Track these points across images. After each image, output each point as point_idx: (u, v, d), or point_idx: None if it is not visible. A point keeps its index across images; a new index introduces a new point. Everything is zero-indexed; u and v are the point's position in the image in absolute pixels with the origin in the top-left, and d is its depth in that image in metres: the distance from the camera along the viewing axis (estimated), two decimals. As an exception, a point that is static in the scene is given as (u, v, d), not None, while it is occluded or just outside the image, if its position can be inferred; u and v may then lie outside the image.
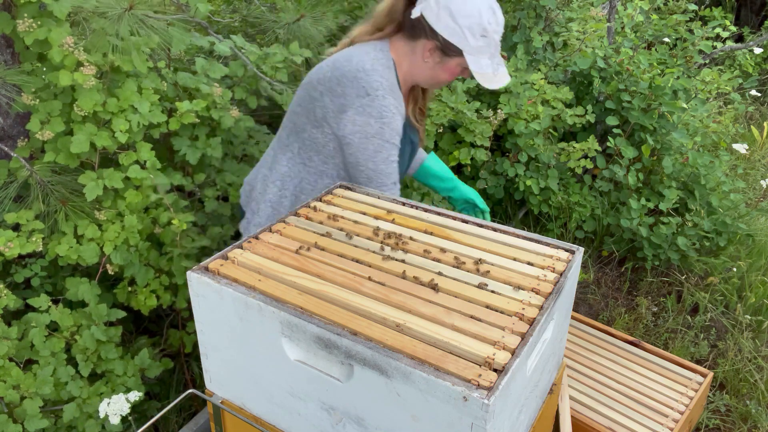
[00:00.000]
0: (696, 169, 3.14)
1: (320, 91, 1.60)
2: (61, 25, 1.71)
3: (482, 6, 1.52)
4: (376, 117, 1.53)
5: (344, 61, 1.58)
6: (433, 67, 1.61)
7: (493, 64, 1.57)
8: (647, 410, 1.86)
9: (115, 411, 1.53)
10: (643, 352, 2.09)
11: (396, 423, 0.98)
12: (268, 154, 1.82)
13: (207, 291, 1.14)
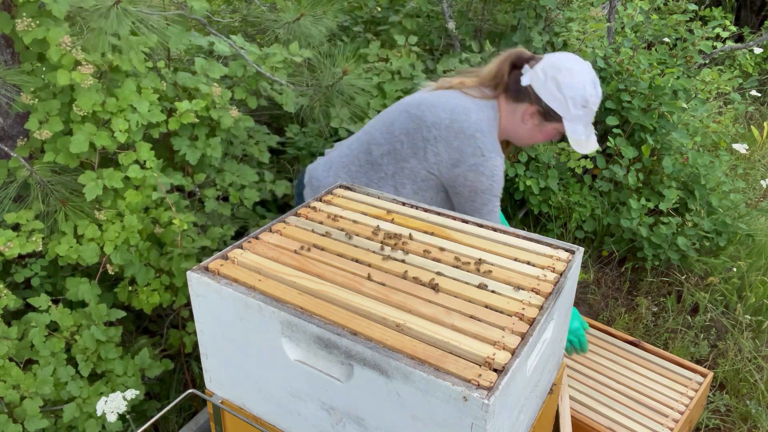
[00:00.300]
0: (696, 169, 3.14)
1: (434, 135, 1.70)
2: (59, 24, 1.71)
3: (587, 80, 1.68)
4: (487, 176, 1.67)
5: (463, 114, 1.69)
6: (531, 128, 1.76)
7: (586, 131, 1.72)
8: (647, 410, 1.86)
9: (112, 409, 1.53)
10: (643, 352, 2.09)
11: (396, 423, 0.98)
12: (346, 156, 1.87)
13: (207, 291, 1.14)
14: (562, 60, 1.69)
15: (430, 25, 3.70)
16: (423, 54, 3.26)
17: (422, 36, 3.59)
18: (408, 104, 1.80)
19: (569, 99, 1.67)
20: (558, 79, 1.66)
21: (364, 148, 1.84)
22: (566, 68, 1.67)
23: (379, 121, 1.85)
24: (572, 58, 1.71)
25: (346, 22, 3.56)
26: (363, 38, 3.47)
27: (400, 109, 1.80)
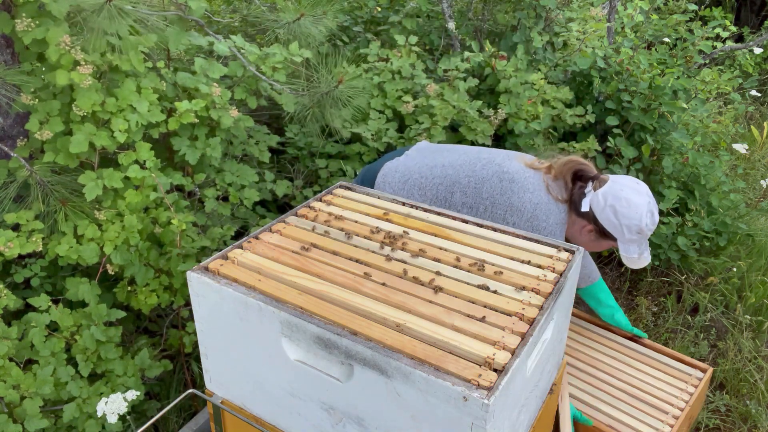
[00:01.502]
0: (696, 169, 3.14)
1: (515, 221, 1.76)
2: (59, 24, 1.71)
3: (644, 211, 1.74)
4: None
5: (544, 214, 1.76)
6: (588, 241, 1.86)
7: (639, 250, 1.80)
8: (647, 407, 1.86)
9: (113, 410, 1.53)
10: (643, 348, 2.08)
11: (396, 423, 0.98)
12: (427, 180, 1.87)
13: (207, 291, 1.14)
14: (624, 189, 1.76)
15: (430, 25, 3.70)
16: (423, 54, 3.27)
17: (422, 36, 3.59)
18: (503, 171, 1.80)
19: (625, 227, 1.76)
20: (616, 208, 1.75)
21: (446, 186, 1.84)
22: (625, 198, 1.75)
23: (470, 166, 1.84)
24: (632, 186, 1.78)
25: (346, 22, 3.56)
26: (363, 38, 3.47)
27: (494, 171, 1.80)
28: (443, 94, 2.82)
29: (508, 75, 3.00)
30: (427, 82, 2.86)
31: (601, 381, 1.97)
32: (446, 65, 2.99)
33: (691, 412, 1.92)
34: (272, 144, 2.58)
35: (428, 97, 2.79)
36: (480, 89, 3.19)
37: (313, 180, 2.88)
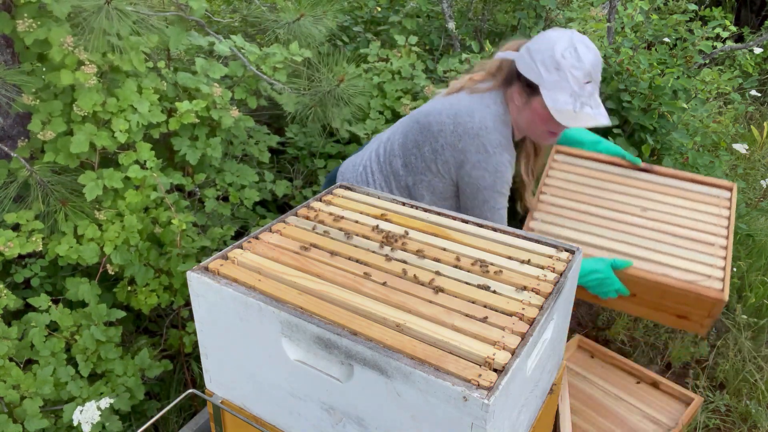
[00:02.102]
0: (696, 169, 3.14)
1: (441, 144, 1.69)
2: (61, 24, 1.71)
3: (558, 40, 1.57)
4: (491, 171, 1.64)
5: (467, 116, 1.65)
6: (526, 114, 1.68)
7: (574, 102, 1.57)
8: (692, 243, 1.70)
9: (87, 419, 1.52)
10: (657, 177, 1.90)
11: (396, 423, 0.98)
12: (374, 162, 1.88)
13: (207, 291, 1.14)
14: (545, 32, 1.62)
15: (430, 25, 3.70)
16: (423, 54, 3.27)
17: (422, 36, 3.59)
18: (419, 113, 1.79)
19: (539, 63, 1.57)
20: (529, 46, 1.60)
21: (386, 158, 1.84)
22: (542, 35, 1.59)
23: (398, 131, 1.85)
24: (560, 29, 1.61)
25: (346, 22, 3.56)
26: (363, 38, 3.47)
27: (413, 120, 1.79)
28: (443, 94, 2.82)
29: (508, 75, 3.00)
30: (426, 83, 2.86)
31: (630, 225, 1.78)
32: (445, 66, 2.99)
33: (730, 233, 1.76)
34: (272, 144, 2.58)
35: (427, 98, 2.79)
36: (480, 89, 3.18)
37: (313, 180, 2.88)
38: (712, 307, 1.61)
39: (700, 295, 1.59)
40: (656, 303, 1.70)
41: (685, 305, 1.65)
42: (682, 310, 1.68)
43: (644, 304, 1.73)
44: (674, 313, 1.70)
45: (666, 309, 1.70)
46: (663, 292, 1.64)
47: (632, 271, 1.67)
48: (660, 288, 1.65)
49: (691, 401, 2.12)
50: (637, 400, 2.12)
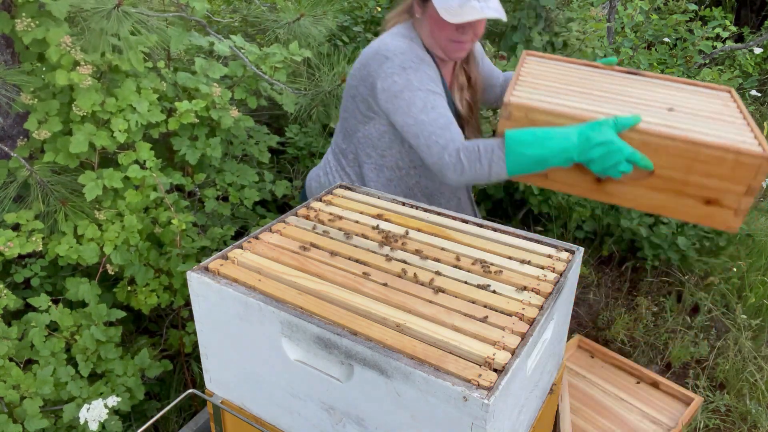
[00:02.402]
0: (696, 169, 3.14)
1: (354, 85, 1.64)
2: (59, 24, 1.71)
3: None
4: (398, 72, 1.52)
5: (368, 49, 1.62)
6: (423, 24, 1.60)
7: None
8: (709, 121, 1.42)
9: (94, 417, 1.53)
10: (647, 78, 1.66)
11: (396, 423, 0.98)
12: (329, 155, 1.86)
13: (207, 291, 1.14)
14: None
15: (430, 25, 3.69)
16: (423, 54, 3.26)
17: (422, 36, 3.58)
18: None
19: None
20: None
21: (334, 142, 1.83)
22: None
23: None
24: None
25: (346, 22, 3.55)
26: (363, 38, 3.47)
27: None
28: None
29: (508, 75, 3.00)
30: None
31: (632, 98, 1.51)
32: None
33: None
34: (272, 144, 2.58)
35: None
36: (480, 89, 3.18)
37: (313, 180, 2.88)
38: (755, 173, 1.26)
39: (740, 154, 1.25)
40: (679, 183, 1.33)
41: (717, 178, 1.29)
42: (713, 189, 1.31)
43: (662, 188, 1.36)
44: (701, 197, 1.34)
45: (691, 192, 1.34)
46: (690, 160, 1.29)
47: (647, 131, 1.31)
48: (688, 154, 1.29)
49: (691, 401, 2.12)
50: (637, 400, 2.12)
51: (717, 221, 1.35)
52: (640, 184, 1.36)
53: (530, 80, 1.56)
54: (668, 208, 1.38)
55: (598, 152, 1.29)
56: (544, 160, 1.33)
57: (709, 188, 1.32)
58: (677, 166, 1.31)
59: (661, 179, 1.35)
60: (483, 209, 3.26)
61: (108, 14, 1.70)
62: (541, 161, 1.33)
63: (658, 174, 1.34)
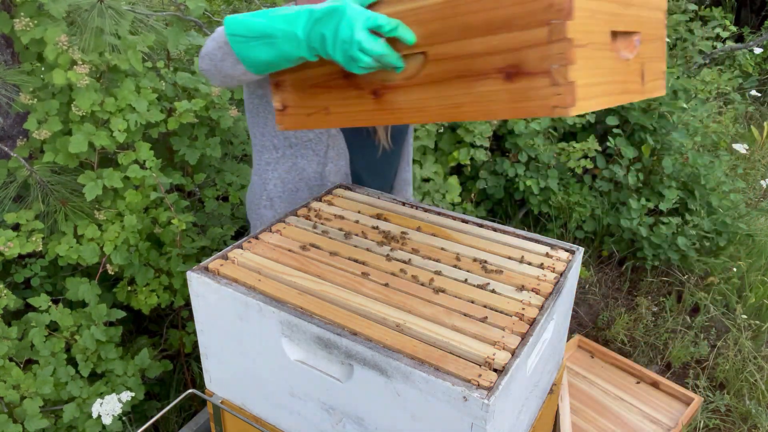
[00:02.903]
0: (696, 169, 3.14)
1: None
2: (57, 24, 1.71)
3: None
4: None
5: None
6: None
7: None
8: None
9: (107, 411, 1.53)
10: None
11: (396, 423, 0.98)
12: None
13: (207, 291, 1.14)
14: None
15: (430, 25, 3.69)
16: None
17: (422, 36, 3.58)
18: None
19: None
20: None
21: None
22: None
23: None
24: None
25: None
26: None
27: None
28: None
29: (508, 75, 3.00)
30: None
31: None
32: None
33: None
34: (272, 144, 2.58)
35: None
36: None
37: (313, 180, 2.88)
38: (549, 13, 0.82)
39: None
40: (462, 59, 0.93)
41: (503, 31, 0.87)
42: (505, 52, 0.88)
43: (446, 76, 0.96)
44: (497, 71, 0.89)
45: (481, 67, 0.91)
46: (458, 16, 0.91)
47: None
48: (449, 10, 0.92)
49: (691, 401, 2.12)
50: (637, 400, 2.12)
51: (536, 105, 0.87)
52: (418, 80, 0.99)
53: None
54: (467, 107, 0.95)
55: (328, 27, 0.96)
56: (267, 34, 1.05)
57: (499, 51, 0.88)
58: (447, 33, 0.93)
59: (439, 62, 0.95)
60: (483, 209, 3.26)
61: (91, 8, 1.69)
62: (266, 36, 1.05)
63: (431, 56, 0.95)
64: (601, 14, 0.88)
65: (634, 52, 0.99)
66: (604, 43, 0.89)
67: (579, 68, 0.83)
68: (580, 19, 0.82)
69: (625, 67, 0.97)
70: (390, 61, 0.96)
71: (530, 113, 0.88)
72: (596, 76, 0.88)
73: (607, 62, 0.91)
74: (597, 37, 0.87)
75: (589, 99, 0.87)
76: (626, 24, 0.96)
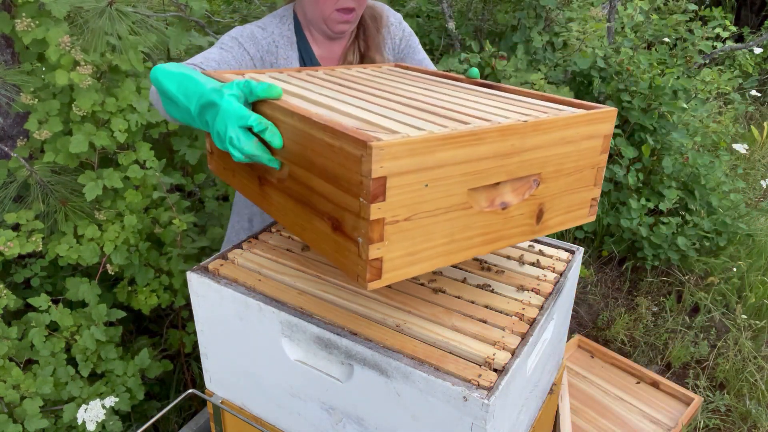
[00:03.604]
0: (696, 169, 3.14)
1: None
2: (59, 24, 1.71)
3: None
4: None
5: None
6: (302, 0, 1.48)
7: None
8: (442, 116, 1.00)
9: (91, 417, 1.53)
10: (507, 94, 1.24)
11: (396, 423, 0.98)
12: None
13: (207, 291, 1.14)
14: None
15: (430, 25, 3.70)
16: (423, 54, 3.26)
17: (422, 36, 3.59)
18: None
19: None
20: None
21: None
22: None
23: None
24: None
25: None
26: (363, 38, 3.46)
27: None
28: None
29: (508, 75, 3.01)
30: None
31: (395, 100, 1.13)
32: (445, 66, 2.99)
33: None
34: (272, 144, 2.58)
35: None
36: (480, 89, 3.18)
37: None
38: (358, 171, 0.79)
39: (341, 136, 0.81)
40: (305, 186, 0.93)
41: (336, 190, 0.85)
42: (331, 202, 0.87)
43: (294, 194, 0.97)
44: (326, 215, 0.89)
45: (317, 204, 0.91)
46: (307, 149, 0.89)
47: (275, 104, 0.95)
48: (303, 139, 0.90)
49: (691, 401, 2.12)
50: (637, 400, 2.12)
51: (348, 265, 0.86)
52: (282, 188, 1.00)
53: (342, 80, 1.26)
54: (308, 234, 0.96)
55: (210, 115, 0.99)
56: (173, 99, 1.07)
57: (330, 200, 0.87)
58: (300, 159, 0.92)
59: (294, 180, 0.96)
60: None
61: (101, 12, 1.69)
62: (171, 100, 1.08)
63: (290, 171, 0.96)
64: (450, 179, 0.85)
65: (525, 194, 0.97)
66: (449, 206, 0.87)
67: (391, 243, 0.82)
68: (397, 197, 0.80)
69: (498, 215, 0.95)
70: (261, 161, 0.97)
71: (345, 269, 0.87)
72: (427, 242, 0.87)
73: (451, 223, 0.89)
74: (435, 203, 0.85)
75: (408, 266, 0.86)
76: (510, 172, 0.93)
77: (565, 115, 0.99)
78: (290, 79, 1.24)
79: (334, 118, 0.91)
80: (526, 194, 0.98)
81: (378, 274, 0.83)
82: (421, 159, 0.81)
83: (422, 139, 0.80)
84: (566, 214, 1.07)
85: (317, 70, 1.37)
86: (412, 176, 0.81)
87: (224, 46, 1.39)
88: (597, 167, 1.08)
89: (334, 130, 0.82)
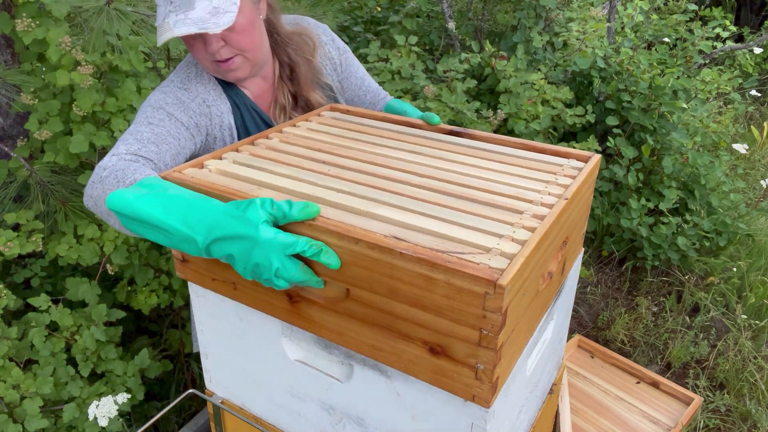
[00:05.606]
0: (696, 169, 3.14)
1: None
2: (59, 24, 1.71)
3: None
4: (153, 92, 1.29)
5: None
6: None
7: (163, 14, 1.18)
8: (486, 208, 0.94)
9: (103, 413, 1.53)
10: (475, 143, 1.22)
11: (396, 423, 0.98)
12: None
13: (207, 291, 1.14)
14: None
15: (430, 25, 3.70)
16: (423, 54, 3.27)
17: (422, 36, 3.59)
18: None
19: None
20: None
21: None
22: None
23: None
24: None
25: (346, 22, 3.56)
26: (363, 38, 3.47)
27: None
28: (441, 96, 2.82)
29: (508, 75, 3.01)
30: (426, 83, 2.86)
31: (382, 178, 1.04)
32: (445, 66, 3.00)
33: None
34: (272, 144, 2.58)
35: (426, 99, 2.79)
36: (480, 89, 3.19)
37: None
38: (481, 307, 0.75)
39: (455, 274, 0.75)
40: (386, 314, 0.85)
41: (434, 311, 0.80)
42: (432, 330, 0.82)
43: (367, 319, 0.88)
44: (422, 342, 0.83)
45: (405, 330, 0.84)
46: (390, 278, 0.81)
47: (322, 227, 0.85)
48: (381, 268, 0.81)
49: (691, 401, 2.12)
50: (637, 400, 2.12)
51: (457, 387, 0.84)
52: (338, 309, 0.90)
53: (281, 143, 1.20)
54: (386, 355, 0.88)
55: (235, 248, 0.86)
56: (161, 228, 0.92)
57: (427, 327, 0.81)
58: (374, 285, 0.84)
59: (361, 304, 0.87)
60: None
61: (99, 12, 1.70)
62: (158, 228, 0.93)
63: (353, 295, 0.87)
64: (533, 278, 0.86)
65: (558, 256, 1.01)
66: (531, 300, 0.89)
67: (504, 357, 0.82)
68: (511, 316, 0.79)
69: (549, 286, 1.00)
70: (309, 285, 0.88)
71: (450, 390, 0.85)
72: (522, 339, 0.91)
73: (531, 311, 0.92)
74: (525, 304, 0.86)
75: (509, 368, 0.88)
76: (556, 247, 0.97)
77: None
78: (254, 161, 1.10)
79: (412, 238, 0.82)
80: (559, 256, 1.01)
81: (493, 395, 0.82)
82: (525, 274, 0.80)
83: (527, 259, 0.79)
84: (574, 255, 1.16)
85: (270, 137, 1.23)
86: (519, 294, 0.80)
87: (153, 121, 1.21)
88: (580, 213, 1.17)
89: (439, 265, 0.76)
